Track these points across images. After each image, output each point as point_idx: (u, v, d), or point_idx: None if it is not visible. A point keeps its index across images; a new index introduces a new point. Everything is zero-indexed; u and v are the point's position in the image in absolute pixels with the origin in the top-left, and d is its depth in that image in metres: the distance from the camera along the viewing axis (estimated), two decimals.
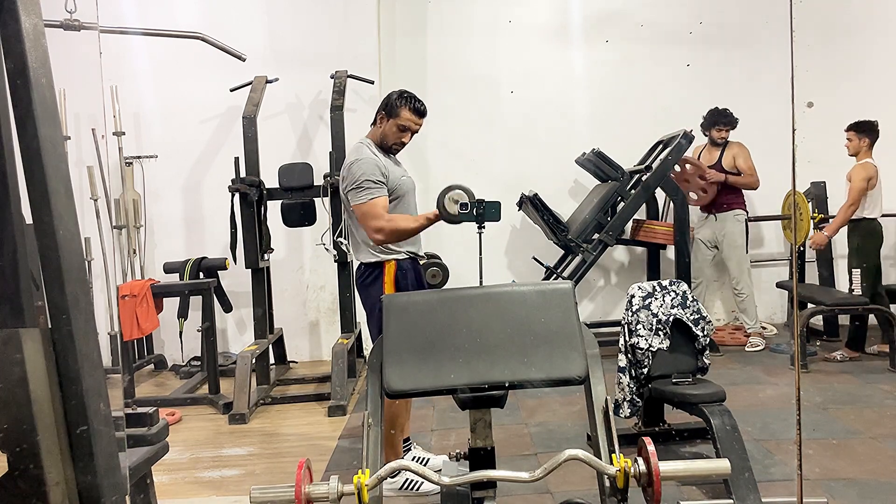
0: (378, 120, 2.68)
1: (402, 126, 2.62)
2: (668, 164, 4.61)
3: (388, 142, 2.65)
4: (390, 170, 2.61)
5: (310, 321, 5.21)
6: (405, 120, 2.61)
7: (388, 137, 2.64)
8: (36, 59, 1.00)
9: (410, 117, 2.62)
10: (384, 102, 2.66)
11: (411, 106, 2.61)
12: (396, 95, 2.63)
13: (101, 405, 1.05)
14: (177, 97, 5.03)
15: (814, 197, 4.91)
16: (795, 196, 4.83)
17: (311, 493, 1.24)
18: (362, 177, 2.51)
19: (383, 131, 2.65)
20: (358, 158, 2.56)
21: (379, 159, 2.59)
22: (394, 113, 2.61)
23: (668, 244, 4.93)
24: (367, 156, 2.57)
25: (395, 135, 2.64)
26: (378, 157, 2.60)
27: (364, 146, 2.64)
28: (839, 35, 5.38)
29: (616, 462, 1.30)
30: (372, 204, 2.51)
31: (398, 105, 2.60)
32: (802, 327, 4.38)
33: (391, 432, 2.62)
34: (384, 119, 2.64)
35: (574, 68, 5.50)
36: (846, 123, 4.51)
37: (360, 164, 2.54)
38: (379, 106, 2.69)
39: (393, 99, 2.62)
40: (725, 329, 5.28)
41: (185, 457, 3.26)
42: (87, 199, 4.73)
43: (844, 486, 2.56)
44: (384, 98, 2.68)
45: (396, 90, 2.67)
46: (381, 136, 2.66)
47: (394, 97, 2.63)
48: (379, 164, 2.55)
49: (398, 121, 2.61)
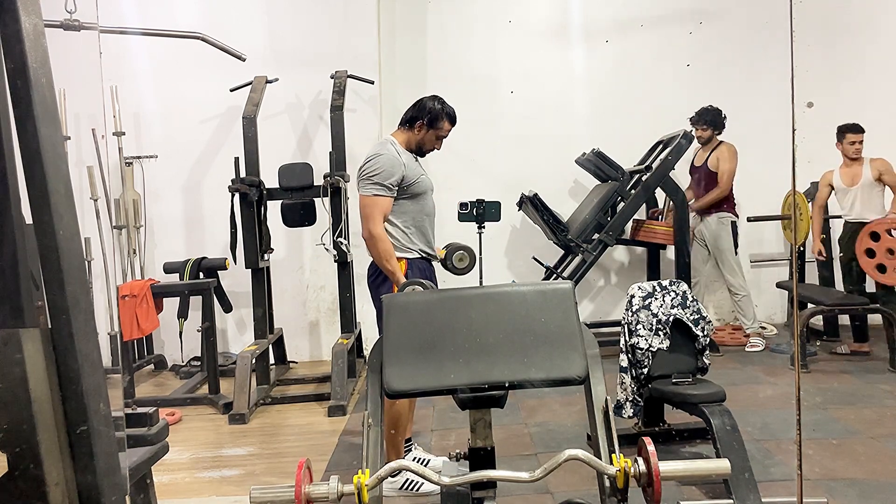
0: (416, 126, 2.74)
1: (442, 136, 2.77)
2: (668, 164, 4.61)
3: (424, 148, 2.78)
4: (410, 167, 2.67)
5: (310, 321, 5.21)
6: (445, 131, 2.77)
7: (426, 145, 2.77)
8: (36, 59, 1.00)
9: (449, 128, 2.78)
10: (426, 111, 2.72)
11: (451, 118, 2.76)
12: (439, 107, 2.73)
13: (101, 405, 1.05)
14: (177, 97, 5.03)
15: (814, 197, 4.90)
16: (795, 196, 4.85)
17: (311, 493, 1.24)
18: (379, 172, 2.58)
19: (421, 138, 2.75)
20: (381, 153, 2.63)
21: (402, 158, 2.66)
22: (436, 125, 2.73)
23: (668, 244, 4.93)
24: (391, 153, 2.64)
25: (432, 143, 2.78)
26: (401, 156, 2.67)
27: (388, 143, 2.71)
28: (839, 35, 5.38)
29: (616, 462, 1.30)
30: (376, 201, 2.58)
31: (441, 117, 2.72)
32: (802, 327, 4.38)
33: (392, 432, 2.62)
34: (423, 127, 2.72)
35: (574, 68, 5.50)
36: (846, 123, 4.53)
37: (382, 160, 2.60)
38: (413, 110, 2.75)
39: (437, 110, 2.72)
40: (725, 329, 5.28)
41: (185, 457, 3.26)
42: (87, 199, 4.73)
43: (844, 486, 2.56)
44: (422, 105, 2.75)
45: (435, 98, 2.76)
46: (418, 142, 2.75)
47: (437, 108, 2.72)
48: (401, 165, 2.63)
49: (439, 132, 2.75)
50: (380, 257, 2.61)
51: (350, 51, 5.00)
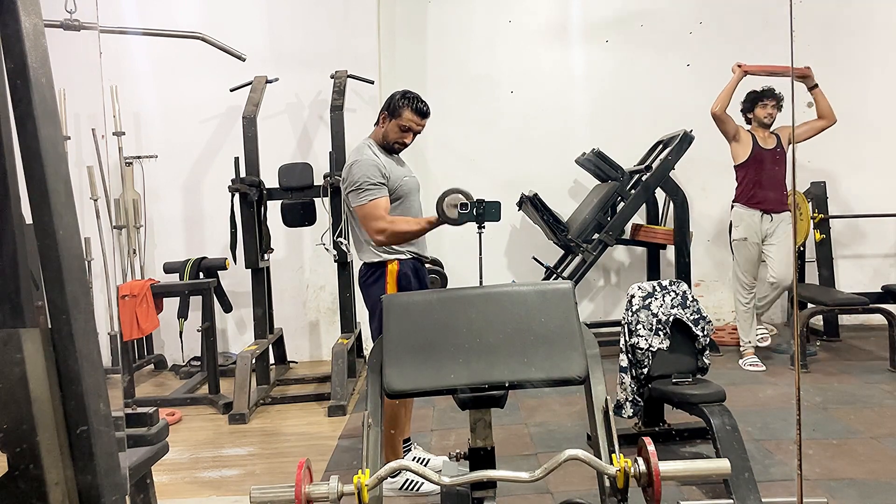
0: (381, 120, 2.68)
1: (404, 126, 2.62)
2: (668, 164, 4.61)
3: (389, 141, 2.65)
4: (392, 170, 2.61)
5: (310, 321, 5.21)
6: (406, 120, 2.61)
7: (390, 137, 2.65)
8: (36, 59, 1.00)
9: (412, 118, 2.62)
10: (387, 102, 2.66)
11: (413, 106, 2.61)
12: (399, 95, 2.63)
13: (101, 405, 1.05)
14: (177, 97, 5.03)
15: (814, 197, 4.90)
16: (795, 196, 4.84)
17: (311, 493, 1.24)
18: (362, 178, 2.52)
19: (385, 131, 2.65)
20: (357, 160, 2.57)
21: (379, 160, 2.59)
22: (396, 113, 2.61)
23: (668, 244, 4.93)
24: (367, 157, 2.57)
25: (396, 134, 2.64)
26: (379, 157, 2.60)
27: (365, 146, 2.64)
28: (839, 35, 5.38)
29: (616, 462, 1.30)
30: (373, 205, 2.51)
31: (400, 105, 2.61)
32: (802, 327, 4.38)
33: (391, 432, 2.62)
34: (386, 119, 2.65)
35: (574, 68, 5.50)
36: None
37: (359, 166, 2.54)
38: (382, 105, 2.69)
39: (396, 99, 2.63)
40: (725, 329, 5.28)
41: (185, 457, 3.26)
42: (87, 199, 4.73)
43: (844, 486, 2.56)
44: (388, 98, 2.68)
45: (400, 90, 2.67)
46: (383, 135, 2.66)
47: (396, 97, 2.63)
48: (378, 165, 2.56)
49: (400, 121, 2.61)
50: (411, 234, 2.53)
51: (350, 51, 5.00)
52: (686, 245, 4.68)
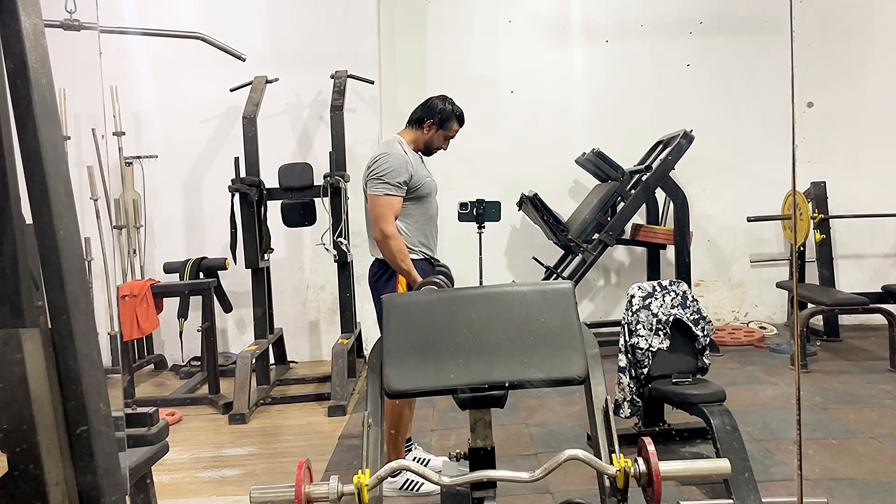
0: (425, 126, 2.76)
1: (450, 136, 2.81)
2: (668, 164, 4.61)
3: (432, 148, 2.81)
4: (417, 169, 2.67)
5: (310, 321, 5.21)
6: (454, 132, 2.81)
7: (434, 144, 2.80)
8: (36, 59, 1.00)
9: (458, 129, 2.82)
10: (436, 111, 2.74)
11: (461, 119, 2.81)
12: (450, 108, 2.77)
13: (101, 405, 1.05)
14: (177, 97, 5.03)
15: (814, 197, 4.91)
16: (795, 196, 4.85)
17: (311, 493, 1.24)
18: (388, 171, 2.58)
19: (430, 138, 2.77)
20: (387, 153, 2.62)
21: (409, 157, 2.66)
22: (446, 126, 2.76)
23: (668, 244, 4.93)
24: (398, 152, 2.63)
25: (440, 143, 2.81)
26: (408, 154, 2.67)
27: (395, 142, 2.70)
28: (839, 35, 5.38)
29: (616, 462, 1.29)
30: (388, 201, 2.57)
31: (451, 118, 2.76)
32: (802, 327, 4.38)
33: (392, 433, 2.62)
34: (433, 128, 2.75)
35: (574, 68, 5.50)
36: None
37: (389, 158, 2.60)
38: (423, 110, 2.77)
39: (447, 111, 2.75)
40: (725, 329, 5.28)
41: (185, 457, 3.26)
42: (87, 199, 4.73)
43: (844, 486, 2.56)
44: (432, 105, 2.77)
45: (445, 99, 2.79)
46: (426, 142, 2.78)
47: (448, 109, 2.76)
48: (408, 163, 2.63)
49: (447, 132, 2.78)
50: (394, 257, 2.58)
51: (350, 51, 5.00)
52: (686, 245, 4.68)
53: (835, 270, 5.05)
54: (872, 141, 5.38)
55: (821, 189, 4.92)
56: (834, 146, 5.01)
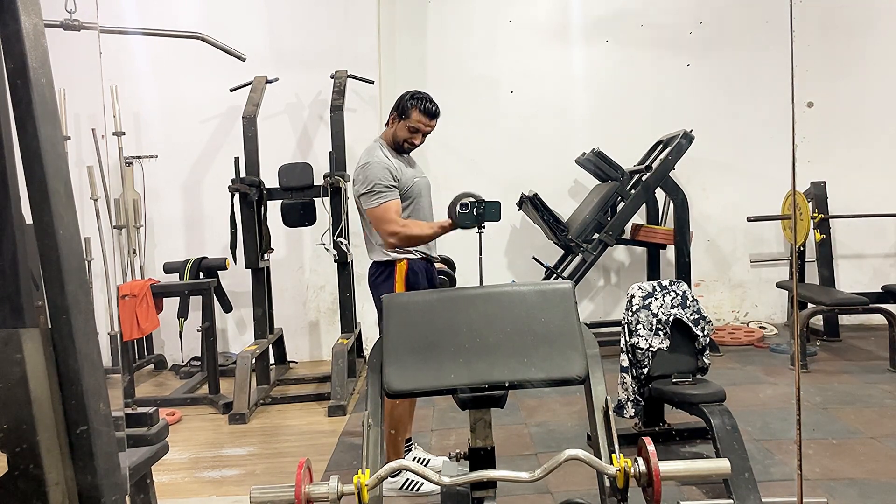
0: (390, 120, 2.70)
1: (413, 128, 2.64)
2: (668, 164, 4.61)
3: (398, 141, 2.68)
4: (403, 171, 2.63)
5: (310, 321, 5.21)
6: (415, 121, 2.63)
7: (399, 137, 2.67)
8: (36, 59, 1.00)
9: (421, 119, 2.63)
10: (397, 103, 2.68)
11: (422, 107, 2.63)
12: (409, 97, 2.66)
13: (101, 405, 1.05)
14: (177, 97, 5.03)
15: (814, 197, 4.91)
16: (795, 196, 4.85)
17: (311, 493, 1.24)
18: (374, 181, 2.54)
19: (394, 131, 2.68)
20: (368, 162, 2.59)
21: (391, 161, 2.61)
22: (405, 114, 2.64)
23: (668, 244, 4.93)
24: (378, 159, 2.59)
25: (405, 135, 2.66)
26: (390, 158, 2.63)
27: (377, 147, 2.66)
28: (839, 35, 5.38)
29: (616, 462, 1.30)
30: (385, 208, 2.53)
31: (409, 106, 2.63)
32: (802, 327, 4.38)
33: (392, 433, 2.62)
34: (396, 119, 2.67)
35: (574, 68, 5.50)
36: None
37: (370, 168, 2.56)
38: (392, 106, 2.71)
39: (405, 100, 2.65)
40: (725, 329, 5.28)
41: (185, 457, 3.26)
42: (87, 199, 4.73)
43: (844, 486, 2.56)
44: (398, 98, 2.69)
45: (409, 91, 2.70)
46: (393, 136, 2.68)
47: (405, 98, 2.66)
48: (390, 167, 2.58)
49: (408, 122, 2.64)
50: (420, 239, 2.57)
51: (350, 51, 5.00)
52: (686, 245, 4.68)
53: (835, 270, 5.05)
54: (872, 141, 5.38)
55: (821, 189, 4.92)
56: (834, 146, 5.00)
